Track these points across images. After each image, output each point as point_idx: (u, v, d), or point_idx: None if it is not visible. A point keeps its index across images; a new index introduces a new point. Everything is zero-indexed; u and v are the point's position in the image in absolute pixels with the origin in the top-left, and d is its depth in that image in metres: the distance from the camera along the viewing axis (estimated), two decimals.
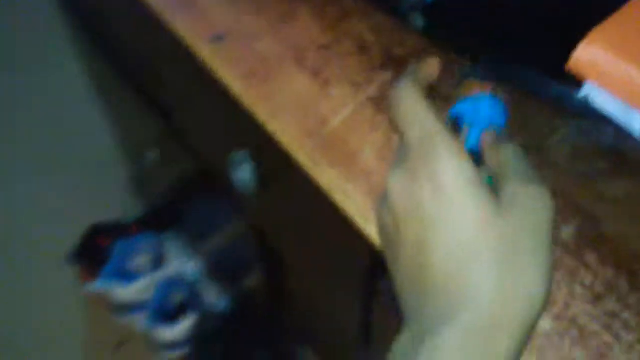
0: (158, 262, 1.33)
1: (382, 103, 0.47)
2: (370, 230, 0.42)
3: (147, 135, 1.03)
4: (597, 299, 0.39)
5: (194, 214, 1.24)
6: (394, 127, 0.34)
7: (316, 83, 0.48)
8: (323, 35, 0.51)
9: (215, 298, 1.29)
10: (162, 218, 1.38)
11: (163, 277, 1.30)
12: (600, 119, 0.45)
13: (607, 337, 0.38)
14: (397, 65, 0.49)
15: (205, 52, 0.51)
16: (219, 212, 1.07)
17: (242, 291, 1.18)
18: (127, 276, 1.29)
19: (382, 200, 0.35)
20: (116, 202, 1.46)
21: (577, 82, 0.44)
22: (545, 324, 0.38)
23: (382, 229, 0.35)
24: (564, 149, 0.45)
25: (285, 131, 0.46)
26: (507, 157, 0.34)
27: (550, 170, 0.44)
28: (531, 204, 0.31)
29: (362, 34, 0.51)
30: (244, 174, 0.67)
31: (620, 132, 0.45)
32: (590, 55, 0.42)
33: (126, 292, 1.29)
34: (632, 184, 0.44)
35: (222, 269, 1.23)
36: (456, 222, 0.31)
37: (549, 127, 0.46)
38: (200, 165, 0.88)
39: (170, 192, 1.27)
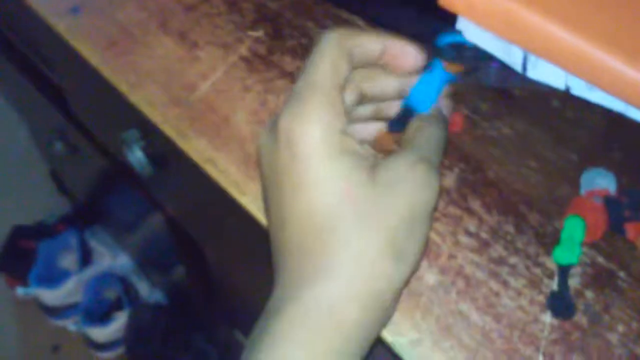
0: (86, 259, 1.27)
1: (254, 62, 0.44)
2: (246, 201, 0.39)
3: (52, 125, 0.97)
4: (483, 246, 0.37)
5: (118, 207, 1.19)
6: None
7: (183, 47, 0.45)
8: None
9: (148, 290, 1.25)
10: (86, 214, 1.32)
11: (92, 274, 1.25)
12: (482, 57, 0.43)
13: (494, 285, 0.36)
14: (270, 21, 0.46)
15: (62, 26, 0.46)
16: (141, 203, 1.03)
17: (173, 280, 1.14)
18: (55, 278, 1.24)
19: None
20: (38, 202, 1.39)
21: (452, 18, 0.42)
22: (430, 278, 0.36)
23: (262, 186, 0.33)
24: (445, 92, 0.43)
25: (149, 101, 0.42)
26: (422, 134, 0.33)
27: None
28: (412, 186, 0.30)
29: None
30: (136, 154, 0.63)
31: (505, 70, 0.43)
32: None
33: (55, 294, 1.24)
34: (516, 123, 0.42)
35: (151, 260, 1.19)
36: (314, 192, 0.29)
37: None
38: (103, 152, 0.83)
39: (92, 186, 1.22)
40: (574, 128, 0.41)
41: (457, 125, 0.40)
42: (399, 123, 0.35)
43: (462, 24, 0.41)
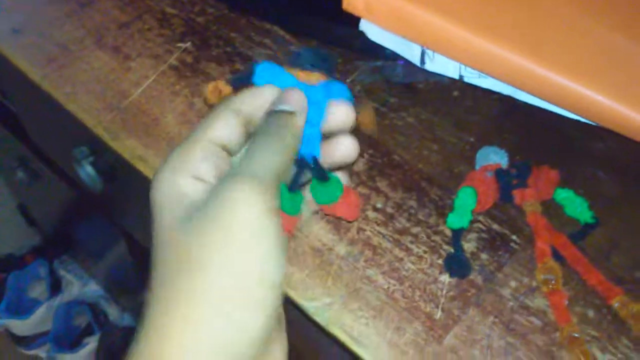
0: (55, 288, 1.29)
1: (183, 70, 0.48)
2: None
3: (13, 153, 1.00)
4: (388, 219, 0.41)
5: (85, 235, 1.21)
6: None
7: (116, 59, 0.49)
8: (123, 14, 0.52)
9: (118, 315, 1.27)
10: (54, 244, 1.34)
11: (61, 302, 1.26)
12: (389, 57, 0.48)
13: (398, 252, 0.40)
14: (198, 33, 0.50)
15: (4, 46, 0.50)
16: (106, 229, 1.05)
17: (142, 303, 1.15)
18: (25, 308, 1.25)
19: None
20: (7, 236, 1.40)
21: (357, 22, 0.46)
22: (340, 249, 0.40)
23: None
24: (356, 89, 0.47)
25: (84, 109, 0.46)
26: (253, 148, 0.30)
27: None
28: (227, 208, 0.27)
29: (163, 8, 0.52)
30: (86, 169, 0.66)
31: (410, 67, 0.47)
32: None
33: (26, 324, 1.25)
34: (420, 113, 0.46)
35: (120, 285, 1.21)
36: (153, 239, 0.29)
37: (341, 71, 0.48)
38: (62, 175, 0.87)
39: (58, 216, 1.24)
40: (472, 114, 0.46)
41: (353, 209, 0.34)
42: (242, 77, 0.33)
43: (364, 26, 0.46)
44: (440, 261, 0.39)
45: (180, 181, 0.29)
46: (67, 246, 1.32)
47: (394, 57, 0.47)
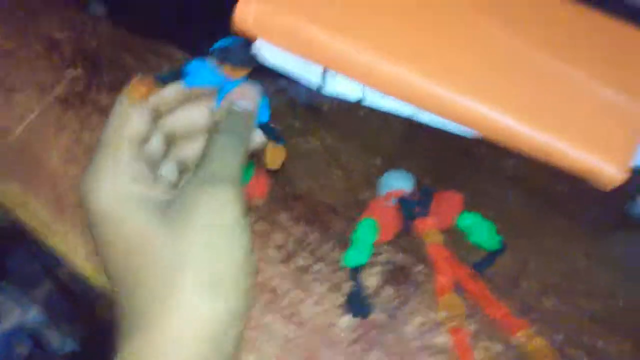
0: None
1: (70, 100, 0.45)
2: (55, 241, 0.40)
3: None
4: (289, 257, 0.38)
5: (23, 261, 1.16)
6: None
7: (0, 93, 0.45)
8: (8, 41, 0.48)
9: (59, 341, 1.22)
10: None
11: (2, 332, 1.21)
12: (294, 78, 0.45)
13: (299, 293, 0.37)
14: (88, 59, 0.47)
15: None
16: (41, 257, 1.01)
17: (86, 328, 1.11)
18: None
19: None
20: None
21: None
22: None
23: None
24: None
25: None
26: (212, 147, 0.30)
27: None
28: (204, 212, 0.27)
29: (52, 33, 0.49)
30: None
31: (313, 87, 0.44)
32: (249, 11, 0.41)
33: None
34: (325, 136, 0.44)
35: (62, 310, 1.16)
36: (115, 250, 0.28)
37: None
38: None
39: None
40: (379, 136, 0.44)
41: (261, 189, 0.40)
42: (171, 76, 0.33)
43: (258, 45, 0.43)
44: (342, 300, 0.37)
45: (128, 187, 0.28)
46: (5, 272, 1.27)
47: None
